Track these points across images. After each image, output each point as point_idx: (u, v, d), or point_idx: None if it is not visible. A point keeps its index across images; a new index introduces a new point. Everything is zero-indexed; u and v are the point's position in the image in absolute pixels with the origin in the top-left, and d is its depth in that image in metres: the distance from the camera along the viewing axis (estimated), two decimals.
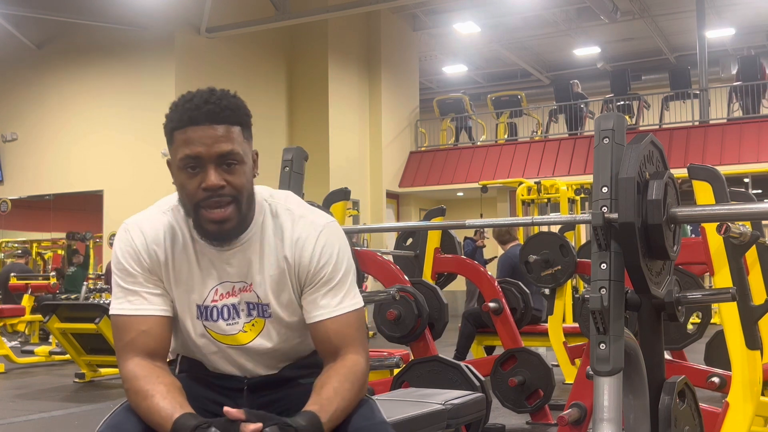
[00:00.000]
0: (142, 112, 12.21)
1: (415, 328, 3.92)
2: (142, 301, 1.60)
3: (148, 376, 1.54)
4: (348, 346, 1.61)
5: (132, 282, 1.61)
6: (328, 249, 1.64)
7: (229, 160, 1.55)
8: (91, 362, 6.81)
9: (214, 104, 1.55)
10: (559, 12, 15.67)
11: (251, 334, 1.66)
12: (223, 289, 1.64)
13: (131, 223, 1.68)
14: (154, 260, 1.62)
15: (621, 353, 1.68)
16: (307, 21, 13.11)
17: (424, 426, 2.17)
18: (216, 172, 1.54)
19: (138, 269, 1.61)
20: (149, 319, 1.59)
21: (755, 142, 13.27)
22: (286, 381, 1.71)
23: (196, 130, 1.55)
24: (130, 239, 1.64)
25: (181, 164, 1.57)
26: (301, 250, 1.63)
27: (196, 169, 1.55)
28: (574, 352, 5.37)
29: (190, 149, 1.55)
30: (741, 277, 2.49)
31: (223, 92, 1.60)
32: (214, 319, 1.65)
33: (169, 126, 1.59)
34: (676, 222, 1.81)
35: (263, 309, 1.66)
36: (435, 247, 4.95)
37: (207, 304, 1.64)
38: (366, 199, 15.01)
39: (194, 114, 1.55)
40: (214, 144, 1.54)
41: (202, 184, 1.55)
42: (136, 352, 1.57)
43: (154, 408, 1.48)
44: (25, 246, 13.39)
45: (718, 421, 2.51)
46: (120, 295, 1.62)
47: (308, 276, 1.63)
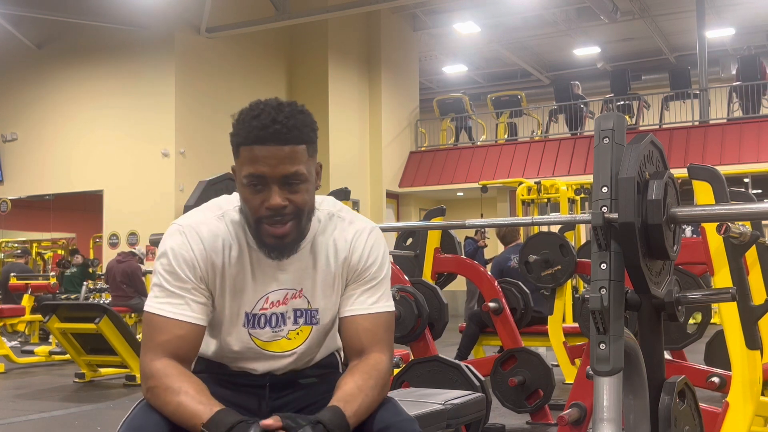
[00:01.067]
0: (143, 112, 12.22)
1: (415, 328, 3.92)
2: (185, 307, 1.60)
3: (178, 375, 1.54)
4: (374, 345, 1.64)
5: (179, 287, 1.60)
6: (376, 250, 1.70)
7: (294, 179, 1.56)
8: (91, 362, 6.81)
9: (282, 124, 1.54)
10: (559, 12, 15.66)
11: (296, 341, 1.68)
12: (274, 297, 1.66)
13: (187, 226, 1.65)
14: (209, 269, 1.62)
15: (621, 353, 1.68)
16: (307, 21, 13.11)
17: (424, 426, 2.17)
18: (280, 192, 1.55)
19: (191, 276, 1.61)
20: (187, 326, 1.59)
21: (755, 142, 13.27)
22: (302, 382, 1.73)
23: (261, 150, 1.54)
24: (187, 243, 1.62)
25: (245, 180, 1.57)
26: (352, 250, 1.68)
27: (260, 186, 1.56)
28: (574, 352, 5.37)
29: (255, 168, 1.54)
30: (741, 277, 2.49)
31: (291, 109, 1.58)
32: (261, 326, 1.66)
33: (235, 140, 1.58)
34: (676, 222, 1.81)
35: (311, 315, 1.68)
36: (435, 247, 4.95)
37: (255, 312, 1.66)
38: (366, 199, 15.01)
39: (261, 134, 1.54)
40: (279, 165, 1.54)
41: (265, 203, 1.56)
42: (166, 353, 1.57)
43: (188, 404, 1.48)
44: (25, 246, 13.39)
45: (718, 421, 2.51)
46: (161, 295, 1.60)
47: (355, 273, 1.68)
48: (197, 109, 12.27)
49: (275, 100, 1.59)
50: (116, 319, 6.38)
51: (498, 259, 6.39)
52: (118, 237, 12.25)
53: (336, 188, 4.01)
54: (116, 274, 8.94)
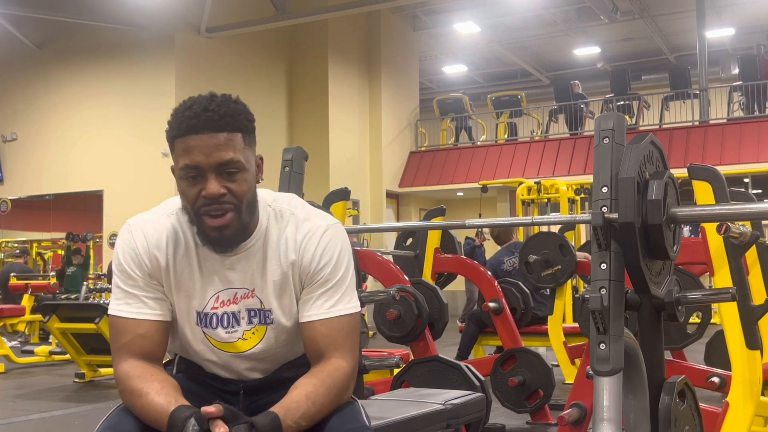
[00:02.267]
0: (143, 112, 12.22)
1: (415, 328, 3.91)
2: (141, 305, 1.60)
3: (142, 375, 1.54)
4: (334, 350, 1.59)
5: (132, 285, 1.61)
6: (330, 250, 1.63)
7: (230, 168, 1.54)
8: (91, 362, 6.81)
9: (213, 111, 1.53)
10: (559, 12, 15.67)
11: (251, 341, 1.65)
12: (224, 297, 1.63)
13: (134, 223, 1.66)
14: (154, 265, 1.61)
15: (621, 353, 1.68)
16: (307, 21, 13.11)
17: (424, 426, 2.17)
18: (216, 180, 1.53)
19: (138, 273, 1.61)
20: (146, 323, 1.59)
21: (755, 142, 13.27)
22: (281, 383, 1.70)
23: (195, 139, 1.53)
24: (132, 241, 1.63)
25: (182, 173, 1.55)
26: (303, 252, 1.63)
27: (196, 177, 1.54)
28: (574, 352, 5.36)
29: (189, 158, 1.53)
30: (741, 277, 2.49)
31: (223, 98, 1.57)
32: (213, 327, 1.64)
33: (170, 134, 1.58)
34: (676, 222, 1.81)
35: (265, 315, 1.65)
36: (435, 247, 4.95)
37: (207, 311, 1.64)
38: (366, 199, 15.01)
39: (193, 122, 1.53)
40: (213, 153, 1.52)
41: (202, 192, 1.54)
42: (131, 354, 1.57)
43: (150, 404, 1.48)
44: (24, 246, 13.38)
45: (718, 421, 2.51)
46: (119, 296, 1.61)
47: (308, 276, 1.63)
48: None
49: (209, 93, 1.59)
50: None
51: (491, 261, 6.38)
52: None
53: (336, 188, 4.01)
54: None
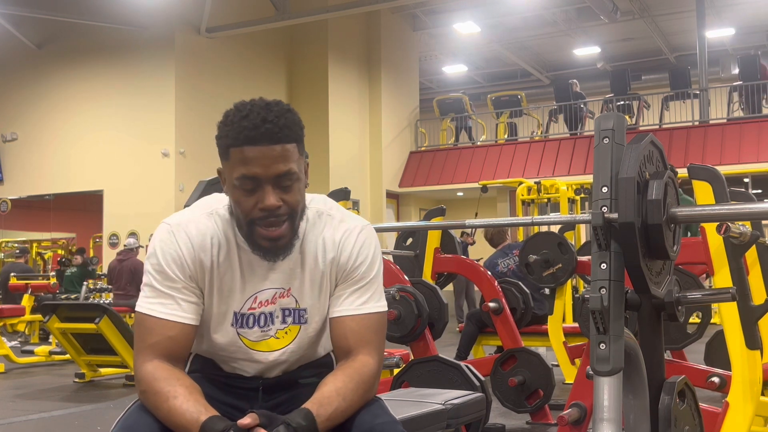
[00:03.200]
0: (143, 112, 12.22)
1: (415, 328, 3.91)
2: (176, 307, 1.59)
3: (168, 378, 1.53)
4: (362, 347, 1.62)
5: (169, 286, 1.59)
6: (365, 249, 1.67)
7: (286, 180, 1.55)
8: (91, 362, 6.81)
9: (273, 123, 1.52)
10: (559, 12, 15.67)
11: (283, 340, 1.67)
12: (262, 297, 1.64)
13: (176, 224, 1.63)
14: (198, 267, 1.61)
15: (621, 353, 1.68)
16: (307, 21, 13.12)
17: (424, 426, 2.17)
18: (273, 192, 1.54)
19: (180, 276, 1.59)
20: (178, 326, 1.58)
21: (755, 142, 13.27)
22: (298, 382, 1.72)
23: (253, 150, 1.52)
24: (175, 243, 1.61)
25: (237, 182, 1.54)
26: (341, 249, 1.65)
27: (252, 188, 1.54)
28: (574, 352, 5.36)
29: (247, 169, 1.52)
30: (741, 277, 2.49)
31: (279, 107, 1.56)
32: (250, 326, 1.65)
33: (224, 142, 1.55)
34: (676, 222, 1.81)
35: (300, 315, 1.67)
36: (435, 247, 4.95)
37: (244, 312, 1.64)
38: (366, 199, 15.01)
39: (252, 134, 1.51)
40: (272, 165, 1.52)
41: (259, 204, 1.54)
42: (157, 355, 1.56)
43: (178, 410, 1.47)
44: (24, 245, 13.39)
45: (718, 421, 2.51)
46: (152, 295, 1.59)
47: (344, 273, 1.66)
48: (197, 109, 12.27)
49: (262, 100, 1.57)
50: (116, 319, 6.38)
51: (486, 264, 6.37)
52: (118, 237, 12.25)
53: (336, 188, 4.01)
54: (123, 274, 8.98)
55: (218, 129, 1.57)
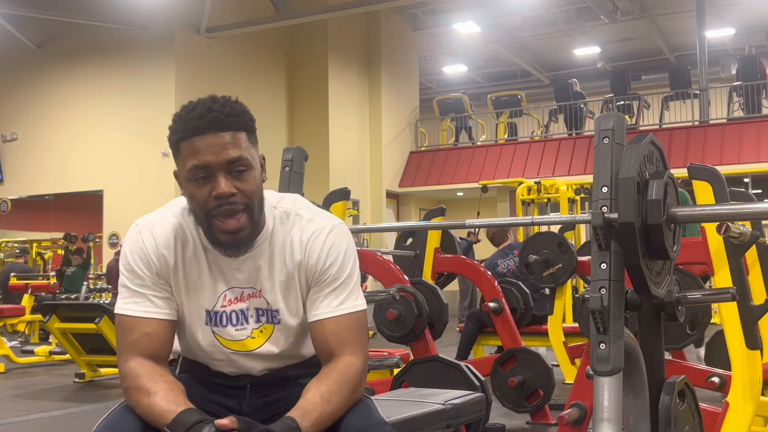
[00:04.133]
0: (142, 112, 12.22)
1: (415, 328, 3.91)
2: (149, 304, 1.61)
3: (150, 374, 1.54)
4: (344, 348, 1.61)
5: (139, 284, 1.61)
6: (335, 250, 1.65)
7: (238, 166, 1.55)
8: (91, 362, 6.81)
9: (218, 111, 1.54)
10: (559, 12, 15.67)
11: (259, 340, 1.67)
12: (231, 295, 1.65)
13: (142, 224, 1.66)
14: (163, 264, 1.62)
15: (621, 353, 1.68)
16: (307, 21, 13.11)
17: (424, 426, 2.17)
18: (226, 179, 1.54)
19: (146, 272, 1.61)
20: (154, 322, 1.60)
21: (755, 142, 13.27)
22: (288, 380, 1.72)
23: (202, 139, 1.53)
24: (141, 241, 1.63)
25: (189, 175, 1.55)
26: (309, 252, 1.64)
27: (206, 178, 1.54)
28: (574, 352, 5.36)
29: (197, 159, 1.53)
30: (741, 277, 2.49)
31: (225, 99, 1.58)
32: (224, 325, 1.65)
33: (174, 137, 1.57)
34: (676, 222, 1.81)
35: (272, 315, 1.66)
36: (435, 247, 4.95)
37: (216, 310, 1.65)
38: (366, 199, 15.01)
39: (199, 123, 1.53)
40: (221, 151, 1.53)
41: (212, 192, 1.54)
42: (138, 353, 1.58)
43: (156, 405, 1.49)
44: (24, 245, 13.39)
45: (718, 421, 2.51)
46: (126, 295, 1.62)
47: (315, 276, 1.64)
48: None
49: (208, 96, 1.59)
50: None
51: (486, 264, 6.37)
52: (118, 237, 12.25)
53: (336, 188, 4.01)
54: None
55: (168, 130, 1.59)
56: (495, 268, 6.08)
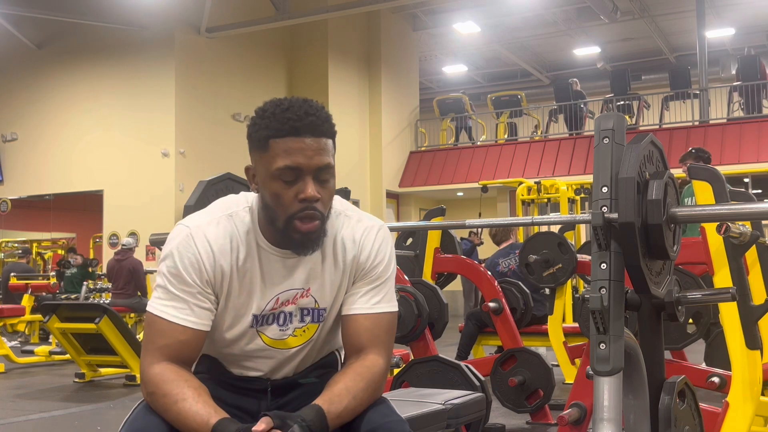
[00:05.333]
0: (143, 112, 12.22)
1: (415, 328, 3.91)
2: (189, 312, 1.57)
3: (176, 380, 1.52)
4: (373, 346, 1.63)
5: (184, 290, 1.57)
6: (383, 249, 1.68)
7: (325, 174, 1.56)
8: (91, 362, 6.81)
9: (315, 116, 1.54)
10: (559, 12, 15.67)
11: (301, 338, 1.67)
12: (284, 298, 1.64)
13: (195, 227, 1.61)
14: (217, 273, 1.59)
15: (621, 353, 1.68)
16: (307, 21, 13.11)
17: (424, 426, 2.17)
18: (313, 184, 1.54)
19: (197, 281, 1.58)
20: (189, 331, 1.57)
21: (755, 142, 13.27)
22: (304, 381, 1.73)
23: (297, 141, 1.53)
24: (194, 247, 1.58)
25: (277, 173, 1.53)
26: (361, 248, 1.66)
27: (293, 179, 1.54)
28: (574, 352, 5.36)
29: (291, 159, 1.52)
30: (741, 277, 2.49)
31: (317, 104, 1.58)
32: (269, 323, 1.65)
33: (264, 133, 1.55)
34: (676, 222, 1.81)
35: (319, 314, 1.67)
36: (435, 247, 4.95)
37: (264, 314, 1.64)
38: (366, 199, 15.01)
39: (297, 125, 1.52)
40: (314, 156, 1.53)
41: (299, 195, 1.54)
42: (166, 358, 1.56)
43: (188, 412, 1.47)
44: (26, 246, 13.39)
45: (718, 421, 2.51)
46: (166, 297, 1.58)
47: (363, 271, 1.67)
48: (197, 109, 12.27)
49: (298, 97, 1.59)
50: (116, 319, 6.38)
51: (487, 263, 6.38)
52: (118, 237, 12.24)
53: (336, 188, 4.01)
54: (122, 273, 8.99)
55: (253, 123, 1.57)
56: (496, 267, 6.09)
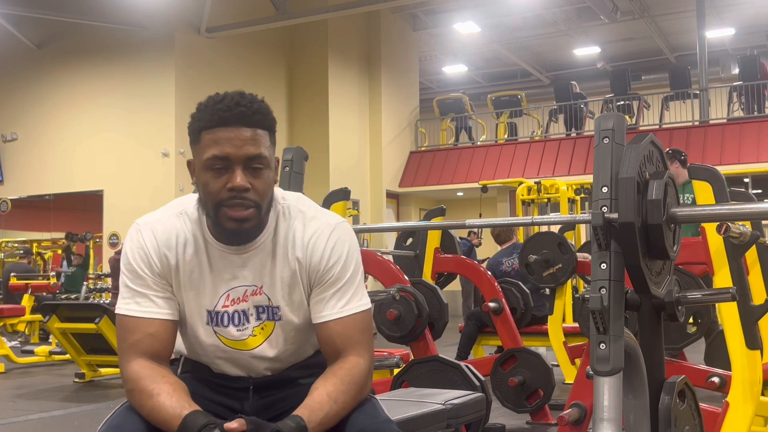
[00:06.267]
0: (142, 112, 12.22)
1: (415, 328, 3.91)
2: (151, 304, 1.60)
3: (152, 375, 1.54)
4: (350, 348, 1.61)
5: (141, 284, 1.61)
6: (338, 249, 1.65)
7: (256, 163, 1.56)
8: (91, 362, 6.81)
9: (246, 107, 1.56)
10: (559, 12, 15.67)
11: (260, 337, 1.66)
12: (234, 295, 1.64)
13: (143, 223, 1.66)
14: (164, 264, 1.62)
15: (621, 353, 1.68)
16: (307, 21, 13.11)
17: (424, 426, 2.17)
18: (242, 173, 1.55)
19: (148, 272, 1.61)
20: (156, 323, 1.60)
21: (755, 142, 13.27)
22: (290, 381, 1.72)
23: (226, 131, 1.54)
24: (142, 241, 1.63)
25: (207, 164, 1.56)
26: (312, 250, 1.64)
27: (222, 169, 1.55)
28: (574, 352, 5.37)
29: (219, 149, 1.54)
30: (741, 277, 2.49)
31: (252, 96, 1.60)
32: (225, 325, 1.65)
33: (197, 125, 1.58)
34: (676, 222, 1.81)
35: (273, 312, 1.66)
36: (435, 247, 4.95)
37: (218, 310, 1.64)
38: (366, 199, 15.01)
39: (225, 115, 1.55)
40: (243, 146, 1.54)
41: (227, 184, 1.54)
42: (140, 354, 1.57)
43: (161, 406, 1.48)
44: (26, 246, 13.39)
45: (718, 421, 2.51)
46: (127, 296, 1.61)
47: (318, 275, 1.64)
48: None
49: (236, 91, 1.61)
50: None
51: (490, 262, 6.38)
52: (118, 237, 12.25)
53: (336, 188, 4.01)
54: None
55: (191, 117, 1.59)
56: (499, 267, 6.09)
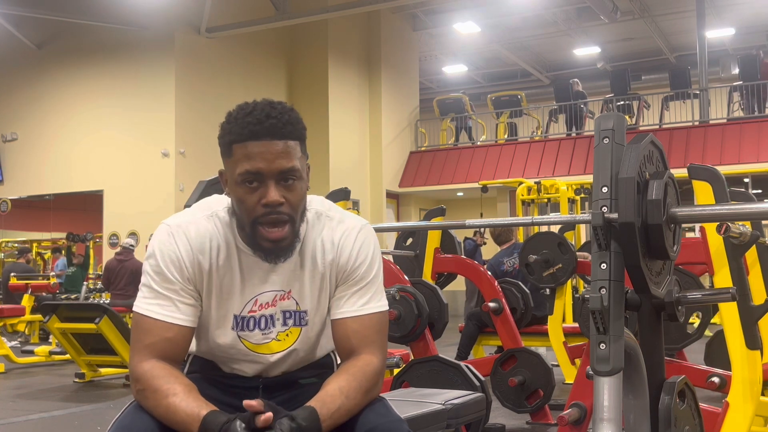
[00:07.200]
0: (143, 112, 12.22)
1: (415, 328, 3.92)
2: (174, 309, 1.58)
3: (166, 376, 1.53)
4: (365, 346, 1.63)
5: (167, 288, 1.59)
6: (365, 249, 1.67)
7: (289, 176, 1.55)
8: (91, 362, 6.81)
9: (276, 119, 1.54)
10: (559, 12, 15.66)
11: (285, 342, 1.67)
12: (263, 300, 1.64)
13: (175, 226, 1.63)
14: (196, 270, 1.60)
15: (621, 353, 1.68)
16: (307, 21, 13.11)
17: (424, 426, 2.17)
18: (276, 188, 1.54)
19: (178, 277, 1.59)
20: (175, 328, 1.58)
21: (755, 142, 13.27)
22: (297, 381, 1.73)
23: (257, 145, 1.53)
24: (174, 244, 1.60)
25: (239, 179, 1.54)
26: (341, 250, 1.66)
27: (255, 183, 1.54)
28: (574, 352, 5.37)
29: (251, 165, 1.53)
30: (741, 277, 2.49)
31: (282, 106, 1.58)
32: (251, 329, 1.65)
33: (228, 138, 1.56)
34: (676, 222, 1.81)
35: (300, 317, 1.67)
36: (435, 247, 4.95)
37: (245, 315, 1.64)
38: (366, 199, 15.01)
39: (256, 128, 1.53)
40: (275, 159, 1.53)
41: (261, 200, 1.54)
42: (154, 355, 1.56)
43: (177, 406, 1.47)
44: (25, 246, 13.39)
45: (718, 421, 2.51)
46: (150, 296, 1.59)
47: (344, 274, 1.66)
48: (197, 109, 12.27)
49: (265, 100, 1.59)
50: (116, 319, 6.38)
51: (491, 262, 6.39)
52: (118, 237, 12.25)
53: (336, 188, 4.01)
54: (123, 274, 8.98)
55: (221, 128, 1.58)
56: (500, 266, 6.09)
